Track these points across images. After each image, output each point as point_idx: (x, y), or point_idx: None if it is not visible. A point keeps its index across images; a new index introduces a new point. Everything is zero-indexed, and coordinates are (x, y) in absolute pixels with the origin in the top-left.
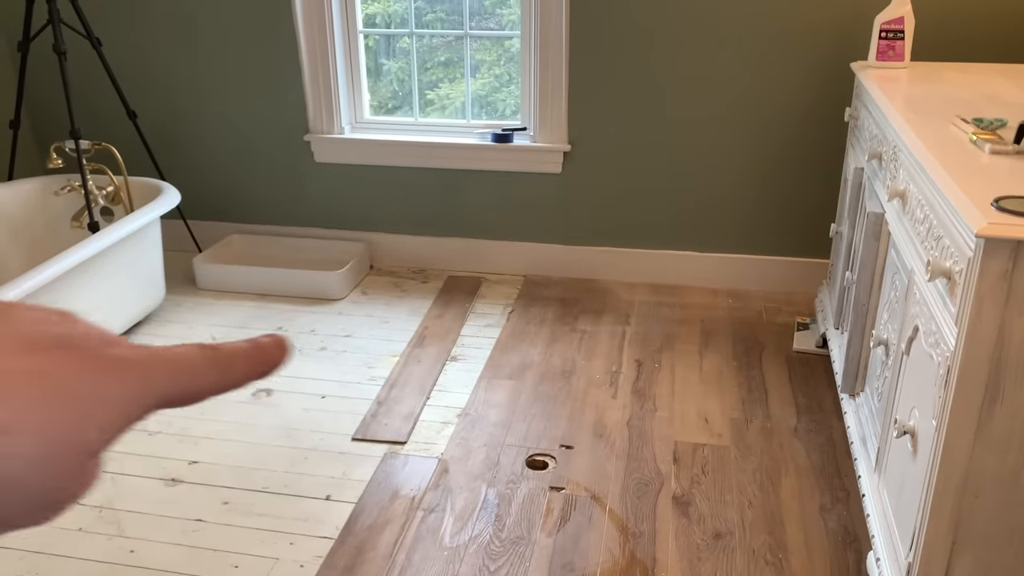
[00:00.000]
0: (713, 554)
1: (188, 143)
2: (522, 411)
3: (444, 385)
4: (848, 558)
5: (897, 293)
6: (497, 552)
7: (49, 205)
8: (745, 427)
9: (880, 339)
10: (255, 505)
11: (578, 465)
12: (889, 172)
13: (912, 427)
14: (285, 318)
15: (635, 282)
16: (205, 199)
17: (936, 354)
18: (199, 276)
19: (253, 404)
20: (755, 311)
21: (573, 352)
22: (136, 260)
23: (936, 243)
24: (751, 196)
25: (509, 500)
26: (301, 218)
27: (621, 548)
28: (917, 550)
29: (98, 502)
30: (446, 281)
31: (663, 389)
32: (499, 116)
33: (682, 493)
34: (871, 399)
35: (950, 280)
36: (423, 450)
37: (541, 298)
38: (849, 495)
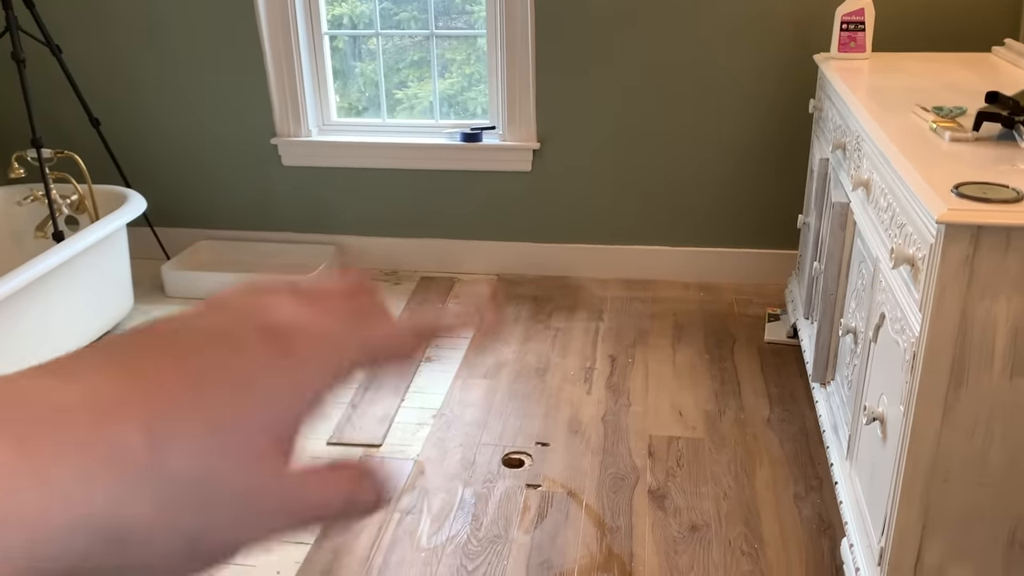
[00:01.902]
0: (690, 546)
1: (153, 149)
2: (497, 410)
3: (419, 386)
4: (823, 545)
5: (864, 281)
6: (475, 552)
7: (12, 215)
8: (719, 419)
9: (848, 327)
10: None
11: (554, 462)
12: (853, 162)
13: (881, 413)
14: None
15: (607, 278)
16: (172, 206)
17: (902, 340)
18: (168, 283)
19: None
20: (726, 303)
21: (547, 349)
22: (103, 269)
23: (899, 231)
24: (720, 190)
25: (486, 499)
26: (270, 222)
27: (598, 543)
28: (889, 535)
29: None
30: (419, 282)
31: (637, 384)
32: (470, 115)
33: (658, 487)
34: (841, 387)
35: (913, 267)
36: (399, 452)
37: (515, 296)
38: (823, 483)
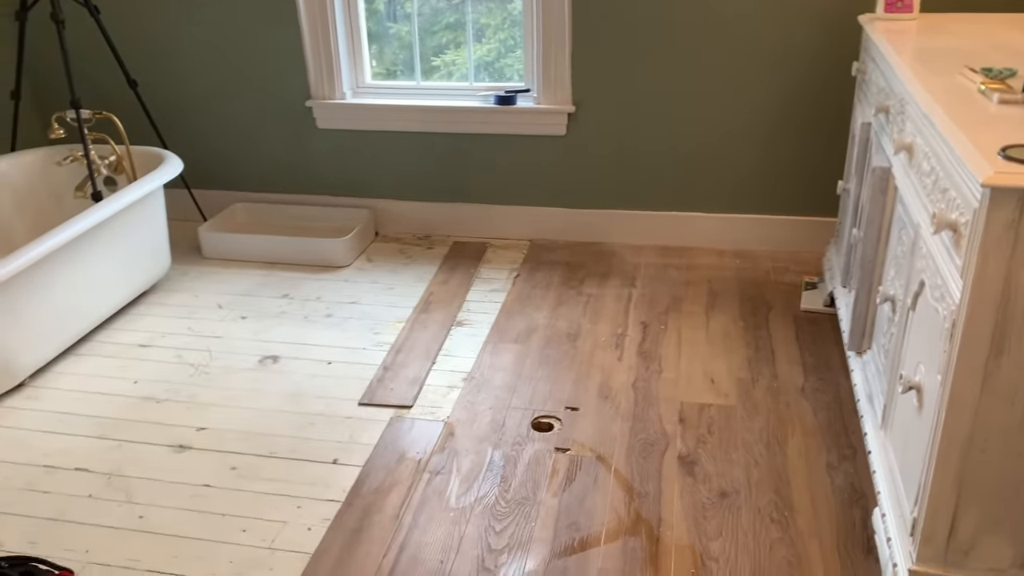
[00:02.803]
0: (718, 513)
1: (190, 111)
2: (527, 374)
3: (450, 350)
4: (854, 515)
5: (903, 248)
6: (503, 513)
7: (52, 175)
8: (752, 387)
9: (887, 295)
10: (262, 470)
11: (583, 427)
12: (896, 125)
13: (918, 382)
14: (291, 286)
15: (641, 244)
16: (209, 167)
17: (942, 308)
18: (204, 245)
19: (260, 371)
20: (763, 271)
21: (579, 315)
22: (141, 229)
23: (942, 195)
24: (758, 155)
25: (515, 462)
26: (305, 185)
27: (626, 508)
28: (922, 505)
29: (107, 469)
30: (451, 247)
31: (669, 350)
32: (506, 82)
33: (687, 453)
34: (878, 356)
35: (956, 232)
36: (429, 414)
37: (547, 262)
38: (856, 452)
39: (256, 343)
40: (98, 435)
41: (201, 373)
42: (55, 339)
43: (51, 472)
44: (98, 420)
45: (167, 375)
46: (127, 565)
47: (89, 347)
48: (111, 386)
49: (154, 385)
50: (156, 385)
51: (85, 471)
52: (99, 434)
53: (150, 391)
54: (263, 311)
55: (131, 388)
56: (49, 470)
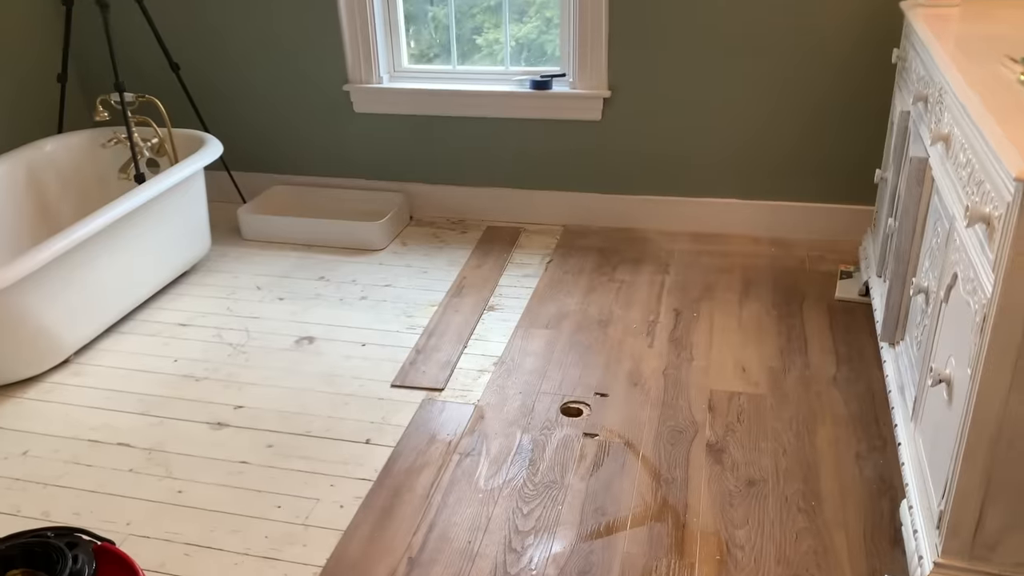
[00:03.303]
0: (745, 500)
1: (230, 94)
2: (558, 360)
3: (481, 334)
4: (883, 506)
5: (938, 240)
6: (530, 495)
7: (97, 157)
8: (783, 376)
9: (920, 287)
10: (298, 448)
11: (612, 413)
12: (934, 115)
13: (948, 375)
14: (327, 268)
15: (675, 231)
16: (248, 150)
17: (973, 301)
18: (244, 226)
19: (296, 351)
20: (798, 259)
21: (611, 302)
22: (182, 211)
23: (977, 188)
24: (795, 142)
25: (543, 446)
26: (342, 168)
27: (653, 493)
28: (949, 499)
29: (148, 445)
30: (485, 231)
31: (701, 338)
32: (547, 59)
33: (716, 441)
34: (910, 348)
35: (989, 226)
36: (460, 397)
37: (580, 248)
38: (886, 444)
39: (293, 324)
40: (140, 411)
41: (239, 353)
42: (98, 317)
43: (95, 446)
44: (140, 397)
45: (206, 354)
46: (166, 538)
47: (131, 326)
48: (152, 364)
49: (194, 364)
50: (195, 364)
51: (127, 446)
52: (141, 410)
53: (190, 369)
54: (300, 293)
55: (171, 366)
56: (93, 444)
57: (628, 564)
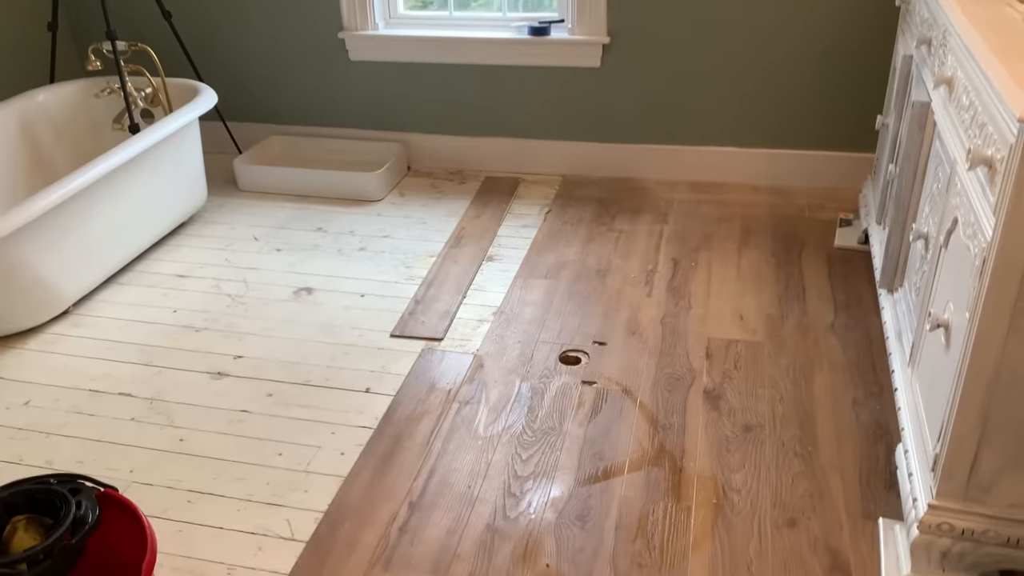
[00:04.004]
0: (742, 446)
1: (224, 43)
2: (556, 309)
3: (480, 284)
4: (878, 451)
5: (939, 185)
6: (529, 441)
7: (91, 107)
8: (781, 323)
9: (920, 232)
10: (298, 397)
11: (610, 361)
12: (937, 58)
13: (946, 320)
14: (324, 219)
15: (675, 180)
16: (243, 100)
17: (973, 245)
18: (240, 177)
19: (295, 302)
20: (797, 208)
21: (609, 251)
22: (177, 161)
23: (980, 131)
24: (797, 89)
25: (542, 393)
26: (338, 118)
27: (650, 439)
28: (945, 441)
29: (149, 394)
30: (483, 182)
31: (699, 287)
32: (546, 5)
33: (713, 387)
34: (909, 294)
35: (991, 169)
36: (459, 346)
37: (579, 198)
38: (883, 390)
39: (291, 275)
40: (140, 362)
41: (238, 303)
42: (97, 268)
43: (96, 396)
44: (140, 347)
45: (205, 305)
46: (169, 485)
47: (130, 277)
48: (151, 315)
49: (193, 314)
50: (195, 314)
51: (128, 396)
52: (141, 360)
53: (189, 320)
54: (297, 244)
55: (171, 317)
56: (94, 394)
57: (625, 508)
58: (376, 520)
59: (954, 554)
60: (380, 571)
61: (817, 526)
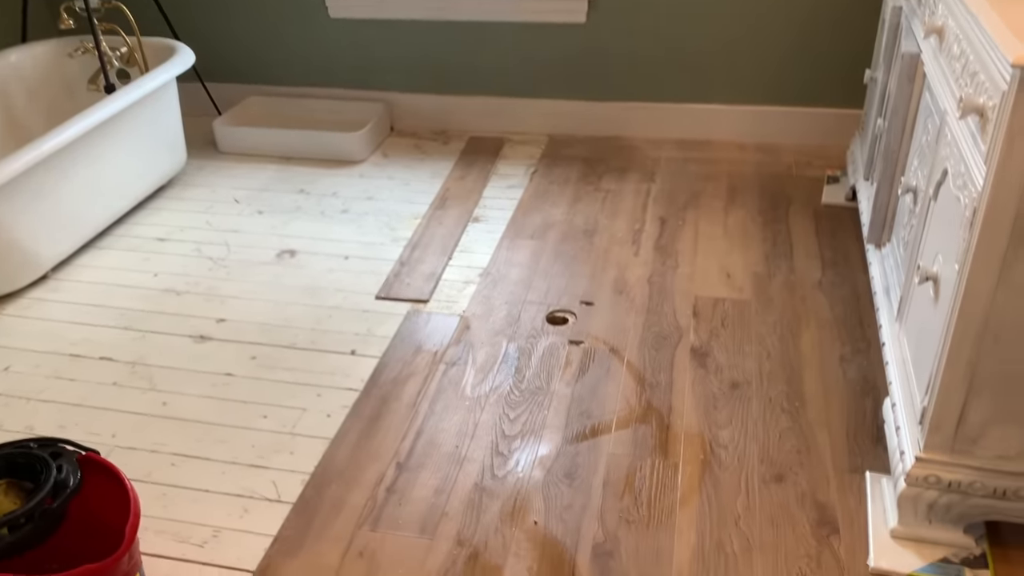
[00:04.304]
0: (729, 403)
1: (199, 1)
2: (543, 270)
3: (466, 246)
4: (865, 406)
5: (928, 138)
6: (517, 401)
7: (64, 67)
8: (768, 281)
9: (909, 186)
10: (282, 360)
11: (598, 320)
12: (928, 8)
13: (935, 273)
14: (306, 180)
15: (662, 138)
16: (222, 60)
17: (963, 196)
18: (220, 139)
19: (278, 265)
20: (784, 165)
21: (596, 211)
22: (155, 122)
23: (971, 79)
24: (784, 44)
25: (529, 354)
26: (319, 77)
27: (637, 397)
28: (933, 394)
29: (131, 359)
30: (468, 142)
31: (686, 246)
32: None
33: (700, 345)
34: (896, 249)
35: (982, 117)
36: (445, 308)
37: (565, 157)
38: (870, 346)
39: (273, 237)
40: (121, 326)
41: (220, 267)
42: (75, 232)
43: (77, 361)
44: (120, 311)
45: (187, 268)
46: (153, 448)
47: (109, 240)
48: (132, 279)
49: (174, 278)
50: (176, 278)
51: (109, 360)
52: (122, 325)
53: (170, 283)
54: (279, 206)
55: (152, 280)
56: (75, 359)
57: (613, 465)
58: (363, 481)
59: (940, 506)
60: (367, 531)
61: (804, 481)
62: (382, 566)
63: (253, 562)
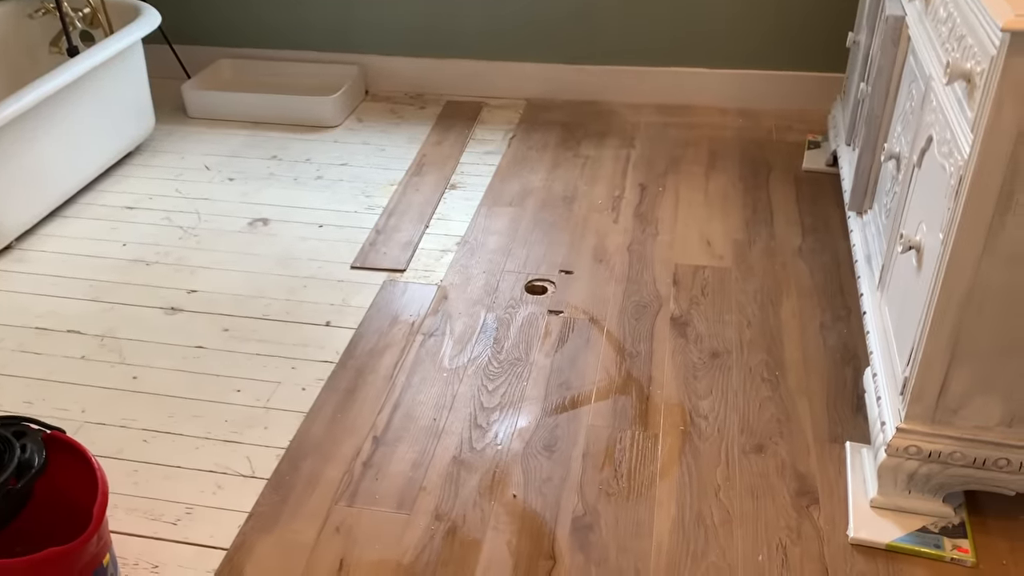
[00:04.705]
0: (709, 372)
1: None
2: (522, 238)
3: (443, 213)
4: (846, 375)
5: (913, 103)
6: (495, 372)
7: (25, 29)
8: (748, 248)
9: (892, 152)
10: (255, 332)
11: (577, 290)
12: None
13: (918, 241)
14: (279, 146)
15: (641, 103)
16: (190, 21)
17: (949, 164)
18: (189, 103)
19: (250, 233)
20: (765, 130)
21: (575, 178)
22: (121, 86)
23: (958, 44)
24: (765, 6)
25: (508, 324)
26: (293, 40)
27: (617, 367)
28: (915, 364)
29: (99, 331)
30: (445, 106)
31: (666, 213)
32: None
33: (680, 314)
34: (879, 216)
35: (969, 83)
36: (422, 277)
37: (544, 122)
38: (851, 314)
39: (245, 205)
40: (89, 297)
41: (190, 236)
42: (39, 201)
43: (43, 334)
44: (88, 282)
45: (156, 237)
46: (123, 424)
47: (75, 209)
48: (99, 248)
49: (143, 248)
50: (145, 248)
51: (77, 333)
52: (90, 296)
53: (139, 253)
54: (251, 173)
55: (120, 250)
56: (41, 332)
57: (593, 436)
58: (339, 455)
59: (920, 476)
60: (344, 506)
61: (784, 451)
62: (359, 541)
63: (227, 539)
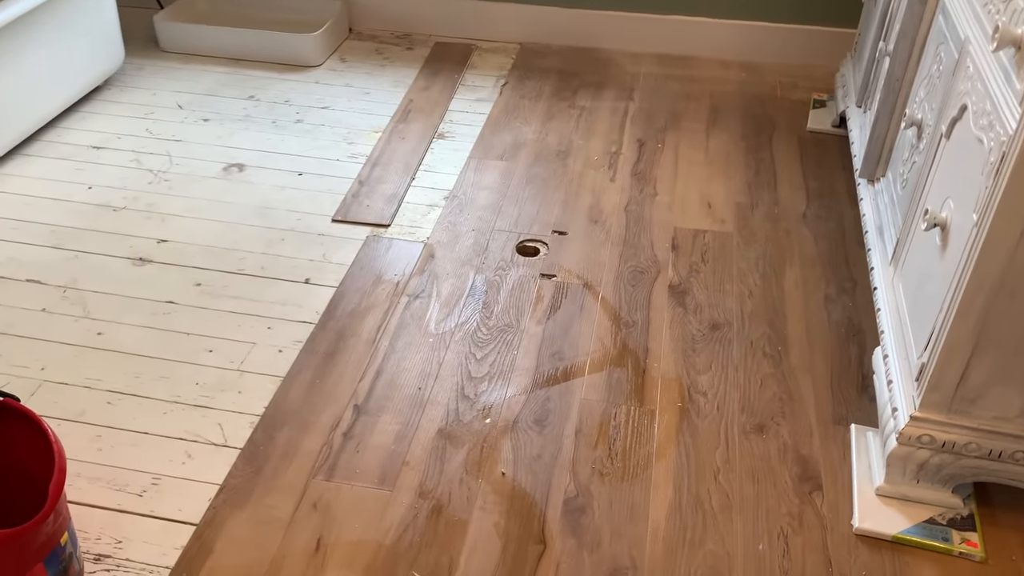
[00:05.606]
0: (708, 345)
1: None
2: (513, 194)
3: (430, 165)
4: (850, 351)
5: (941, 67)
6: (484, 339)
7: None
8: (750, 212)
9: (913, 119)
10: (229, 287)
11: (571, 252)
12: None
13: (944, 219)
14: (257, 86)
15: (641, 52)
16: None
17: (988, 138)
18: (161, 36)
19: (224, 179)
20: (769, 86)
21: (570, 130)
22: (86, 15)
23: (1006, 6)
24: None
25: (498, 287)
26: None
27: (612, 338)
28: (935, 351)
29: (61, 282)
30: (433, 48)
31: (665, 172)
32: None
33: (679, 282)
34: (893, 186)
35: (1019, 51)
36: (408, 234)
37: (538, 69)
38: (856, 286)
39: (220, 149)
40: (51, 244)
41: (161, 180)
42: None
43: (0, 283)
44: (50, 228)
45: (124, 181)
46: (86, 384)
47: (37, 148)
48: (63, 191)
49: (110, 191)
50: (113, 192)
51: (37, 283)
52: (52, 243)
53: (106, 198)
54: (227, 113)
55: (85, 194)
56: None
57: (586, 411)
58: (318, 425)
59: (931, 466)
60: (322, 480)
61: (786, 432)
62: (337, 519)
63: (197, 514)
